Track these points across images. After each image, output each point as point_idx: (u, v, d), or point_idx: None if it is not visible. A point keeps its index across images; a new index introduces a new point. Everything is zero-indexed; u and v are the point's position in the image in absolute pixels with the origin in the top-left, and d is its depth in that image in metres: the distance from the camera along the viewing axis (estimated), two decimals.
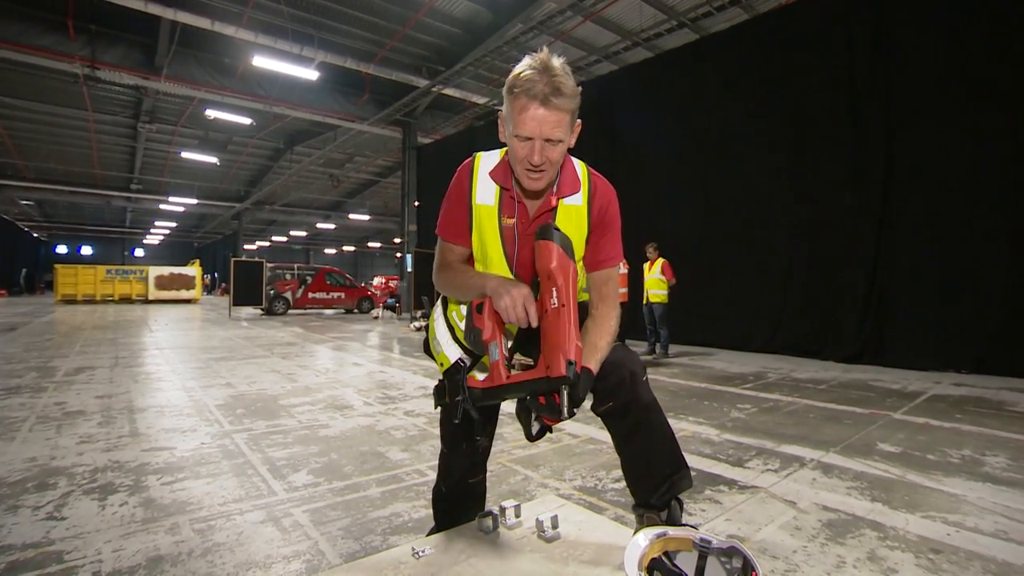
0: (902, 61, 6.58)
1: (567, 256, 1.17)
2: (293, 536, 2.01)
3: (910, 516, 2.25)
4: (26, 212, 34.40)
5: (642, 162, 9.14)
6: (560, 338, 1.10)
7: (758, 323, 7.93)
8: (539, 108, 1.15)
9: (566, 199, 1.33)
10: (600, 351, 1.26)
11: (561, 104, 1.15)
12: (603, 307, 1.37)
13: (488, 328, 1.22)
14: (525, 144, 1.19)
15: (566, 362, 1.07)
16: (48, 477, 2.58)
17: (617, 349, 1.32)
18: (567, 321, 1.10)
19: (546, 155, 1.19)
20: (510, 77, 1.19)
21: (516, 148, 1.21)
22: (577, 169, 1.37)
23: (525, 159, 1.20)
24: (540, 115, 1.15)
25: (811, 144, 7.40)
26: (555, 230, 1.19)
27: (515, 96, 1.17)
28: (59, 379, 5.29)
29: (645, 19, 10.97)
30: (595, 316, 1.36)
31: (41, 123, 18.28)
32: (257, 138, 20.21)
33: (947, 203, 6.25)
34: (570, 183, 1.34)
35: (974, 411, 4.23)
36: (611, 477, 2.71)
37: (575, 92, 1.18)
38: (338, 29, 12.23)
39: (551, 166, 1.22)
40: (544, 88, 1.13)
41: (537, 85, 1.14)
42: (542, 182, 1.24)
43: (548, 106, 1.14)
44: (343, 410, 4.17)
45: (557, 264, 1.15)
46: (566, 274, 1.14)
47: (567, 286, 1.13)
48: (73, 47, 11.97)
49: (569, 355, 1.08)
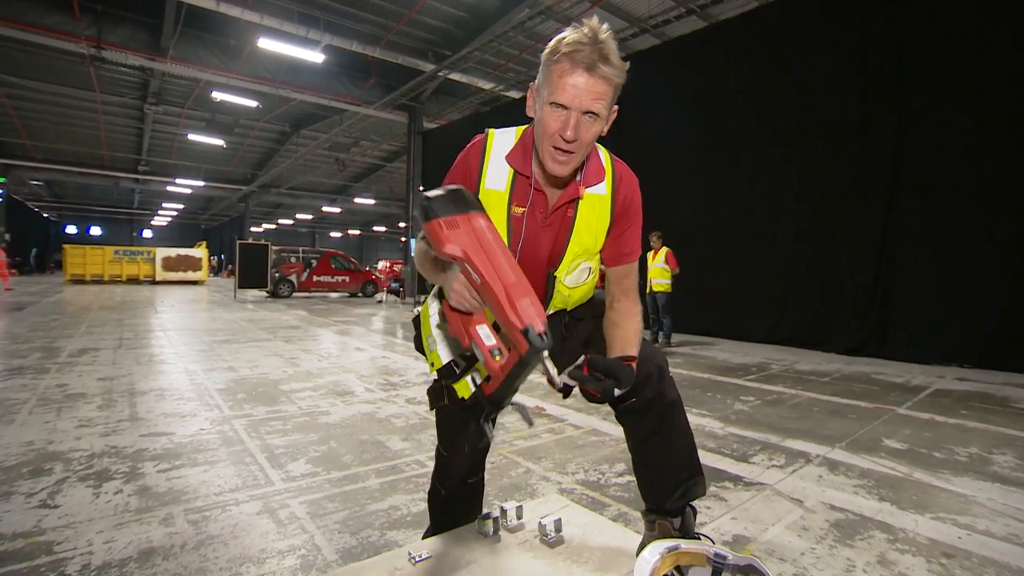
0: (913, 52, 6.41)
1: (454, 219, 1.01)
2: (289, 529, 1.98)
3: (919, 517, 2.19)
4: (36, 192, 34.53)
5: (647, 150, 8.96)
6: (501, 313, 0.96)
7: (761, 313, 7.86)
8: (583, 74, 1.02)
9: (590, 188, 1.21)
10: (633, 344, 1.19)
11: (607, 73, 1.03)
12: (626, 301, 1.28)
13: (458, 330, 1.09)
14: (559, 114, 1.06)
15: (520, 332, 0.93)
16: (44, 462, 2.56)
17: (643, 344, 1.24)
18: (495, 292, 0.96)
19: (580, 132, 1.06)
20: (552, 42, 1.06)
21: (548, 120, 1.07)
22: (600, 156, 1.25)
23: (556, 133, 1.07)
24: (582, 82, 1.03)
25: (819, 134, 7.25)
26: (424, 199, 1.04)
27: (556, 60, 1.04)
28: (63, 360, 5.29)
29: (653, 6, 10.74)
30: (619, 310, 1.27)
31: (49, 103, 18.22)
32: (263, 121, 20.08)
33: (953, 195, 6.13)
34: (595, 171, 1.23)
35: (979, 407, 4.16)
36: (614, 471, 2.66)
37: (623, 66, 1.05)
38: (344, 12, 12.05)
39: (581, 148, 1.09)
40: (591, 54, 1.01)
41: (584, 50, 1.01)
42: (568, 166, 1.11)
43: (593, 73, 1.02)
44: (344, 396, 4.14)
45: (448, 240, 1.00)
46: (464, 245, 0.99)
47: (473, 256, 0.99)
48: (79, 27, 11.88)
49: (518, 324, 0.94)
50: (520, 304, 0.94)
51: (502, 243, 1.02)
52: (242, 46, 13.60)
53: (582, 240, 1.24)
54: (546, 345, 0.93)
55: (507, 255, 1.01)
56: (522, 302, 0.95)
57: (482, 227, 1.02)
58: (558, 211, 1.22)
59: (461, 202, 1.04)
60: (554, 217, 1.22)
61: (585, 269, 1.28)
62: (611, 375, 1.06)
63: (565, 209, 1.22)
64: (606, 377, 1.06)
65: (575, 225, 1.23)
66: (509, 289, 0.96)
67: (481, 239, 1.01)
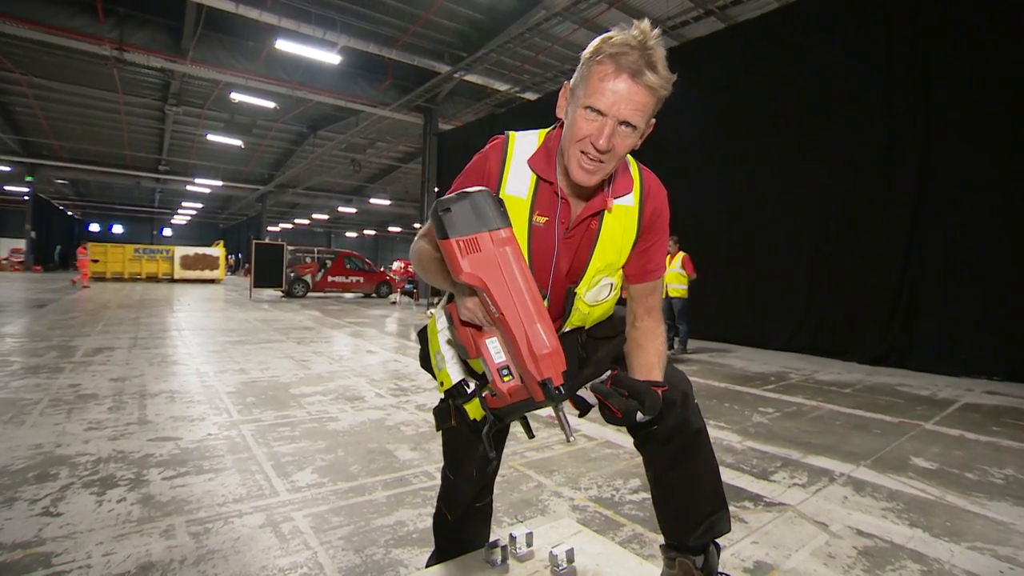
0: (941, 53, 6.19)
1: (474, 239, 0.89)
2: (292, 545, 1.92)
3: (955, 547, 2.07)
4: (61, 191, 35.34)
5: (665, 153, 8.75)
6: (518, 355, 0.88)
7: (780, 320, 7.66)
8: (626, 80, 0.94)
9: (618, 199, 1.13)
10: (657, 368, 1.11)
11: (652, 82, 0.95)
12: (649, 320, 1.19)
13: (466, 340, 1.01)
14: (594, 120, 0.97)
15: (539, 385, 0.87)
16: (51, 467, 2.54)
17: (666, 367, 1.16)
18: (514, 333, 0.88)
19: (614, 142, 0.97)
20: (596, 41, 0.98)
21: (580, 124, 0.99)
22: (628, 165, 1.17)
23: (588, 139, 0.98)
24: (624, 89, 0.94)
25: (842, 138, 7.05)
26: (442, 208, 0.91)
27: (599, 62, 0.96)
28: (78, 359, 5.33)
29: (672, 7, 10.60)
30: (642, 330, 1.18)
31: (74, 104, 18.61)
32: (281, 122, 20.28)
33: (981, 200, 5.89)
34: (623, 181, 1.14)
35: (1013, 424, 3.97)
36: (628, 487, 2.57)
37: (670, 77, 0.97)
38: (361, 13, 12.10)
39: (613, 159, 1.01)
40: (638, 60, 0.93)
41: (631, 55, 0.93)
42: (595, 176, 1.02)
43: (637, 80, 0.94)
44: (354, 402, 4.09)
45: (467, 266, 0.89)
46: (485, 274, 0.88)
47: (494, 289, 0.89)
48: (102, 29, 12.10)
49: (536, 375, 0.87)
50: (540, 353, 0.87)
51: (527, 271, 0.92)
52: (260, 48, 13.74)
53: (605, 254, 1.15)
54: (563, 398, 0.86)
55: (531, 287, 0.91)
56: (543, 350, 0.87)
57: (507, 253, 0.91)
58: (582, 223, 1.13)
59: (485, 215, 0.91)
60: (577, 229, 1.13)
61: (607, 285, 1.19)
62: (636, 397, 0.98)
63: (589, 221, 1.13)
64: (630, 397, 0.98)
65: (599, 238, 1.14)
66: (531, 333, 0.87)
67: (504, 268, 0.90)
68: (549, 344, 0.88)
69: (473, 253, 0.90)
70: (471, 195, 0.93)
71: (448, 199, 0.93)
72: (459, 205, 0.91)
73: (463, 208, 0.91)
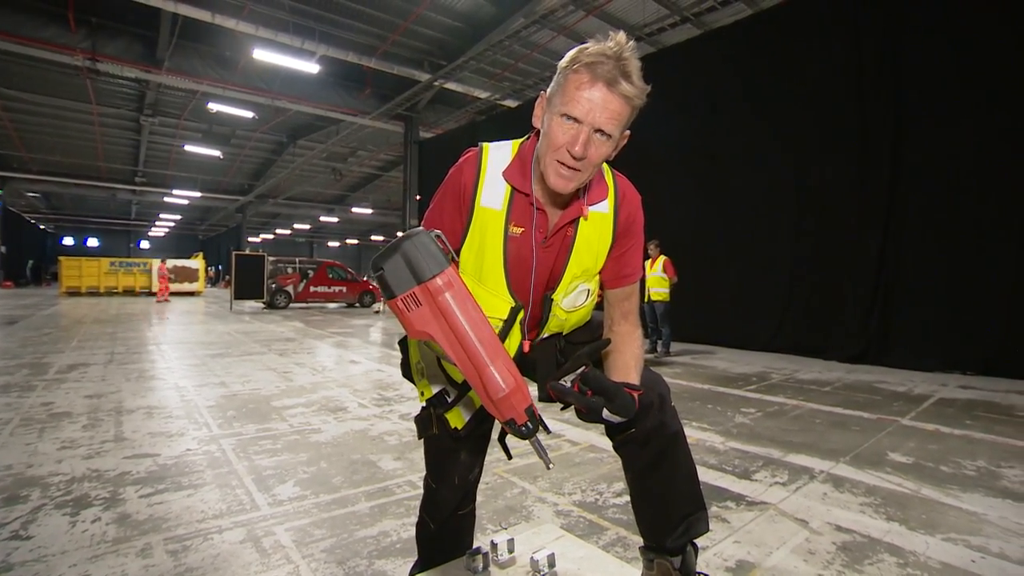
0: (910, 56, 6.38)
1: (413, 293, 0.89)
2: (273, 560, 1.89)
3: (930, 539, 2.11)
4: (32, 204, 34.48)
5: (643, 158, 8.85)
6: (481, 397, 0.89)
7: (760, 321, 7.79)
8: (601, 88, 0.96)
9: (593, 206, 1.15)
10: (633, 371, 1.12)
11: (627, 92, 0.97)
12: (626, 324, 1.21)
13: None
14: (570, 127, 0.99)
15: (507, 421, 0.89)
16: (21, 488, 2.47)
17: (644, 370, 1.17)
18: (470, 378, 0.89)
19: (589, 150, 0.99)
20: (573, 51, 1.00)
21: (556, 132, 1.00)
22: (602, 171, 1.19)
23: (565, 147, 1.00)
24: (599, 97, 0.96)
25: (816, 141, 7.22)
26: (376, 266, 0.91)
27: (575, 71, 0.98)
28: (50, 377, 5.20)
29: (648, 14, 10.78)
30: (619, 334, 1.20)
31: (46, 116, 18.21)
32: (260, 132, 20.09)
33: (954, 201, 6.07)
34: (598, 188, 1.16)
35: (984, 417, 4.08)
36: (612, 491, 2.58)
37: (644, 88, 0.99)
38: (339, 23, 12.07)
39: (588, 167, 1.02)
40: (613, 69, 0.96)
41: (606, 64, 0.96)
42: (572, 183, 1.04)
43: (613, 89, 0.96)
44: (336, 413, 4.05)
45: (414, 322, 0.89)
46: (433, 328, 0.89)
47: (442, 340, 0.89)
48: (74, 39, 11.89)
49: (499, 417, 0.88)
50: (497, 398, 0.87)
51: (472, 311, 0.91)
52: (238, 57, 13.62)
53: (582, 260, 1.16)
54: (531, 433, 0.88)
55: (479, 328, 0.90)
56: (499, 394, 0.87)
57: (447, 301, 0.89)
58: (559, 231, 1.15)
59: (418, 266, 0.90)
60: (555, 237, 1.15)
61: (583, 291, 1.21)
62: (603, 395, 0.99)
63: (566, 229, 1.15)
64: (595, 395, 0.99)
65: (575, 245, 1.15)
66: (485, 379, 0.87)
67: (448, 317, 0.89)
68: (506, 385, 0.88)
69: (417, 308, 0.89)
70: (401, 247, 0.91)
71: (381, 255, 0.92)
72: (391, 262, 0.90)
73: (396, 264, 0.90)
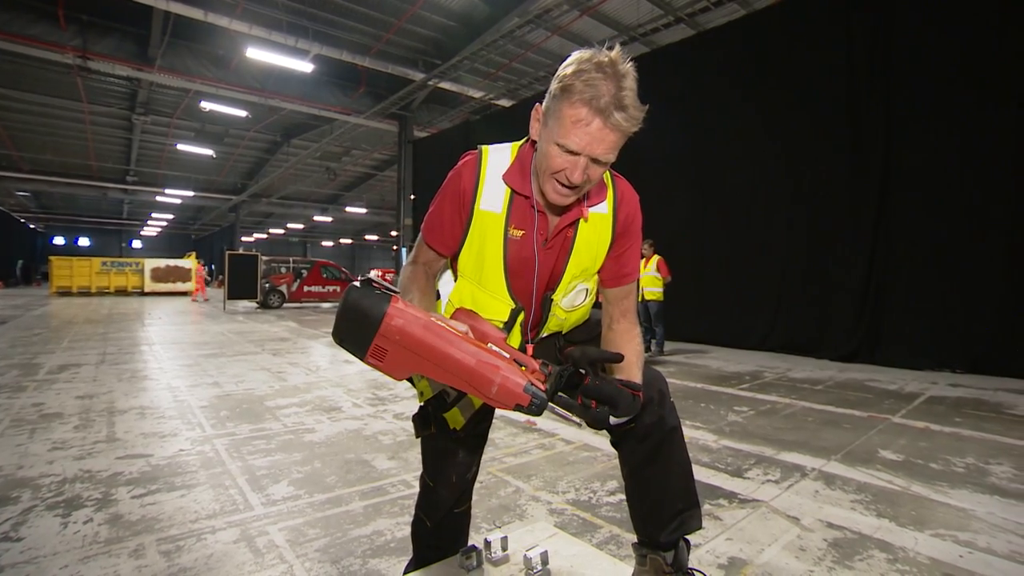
0: (901, 57, 6.44)
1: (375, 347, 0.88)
2: (267, 559, 1.89)
3: (919, 535, 2.14)
4: (22, 203, 34.14)
5: (637, 158, 8.92)
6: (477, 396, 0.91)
7: (754, 320, 7.84)
8: (598, 123, 0.96)
9: (592, 207, 1.17)
10: (635, 369, 1.13)
11: (623, 123, 0.96)
12: (624, 323, 1.23)
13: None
14: (566, 158, 1.00)
15: (515, 408, 0.89)
16: (12, 490, 2.45)
17: (644, 367, 1.19)
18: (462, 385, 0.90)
19: (588, 174, 1.01)
20: (569, 72, 0.97)
21: (553, 158, 1.01)
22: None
23: (562, 173, 1.02)
24: (596, 132, 0.96)
25: (809, 141, 7.26)
26: (338, 341, 0.90)
27: (571, 102, 0.96)
28: (41, 377, 5.16)
29: (642, 14, 10.81)
30: (618, 332, 1.21)
31: (36, 114, 18.02)
32: (253, 131, 19.98)
33: (944, 200, 6.13)
34: (597, 190, 1.18)
35: (973, 414, 4.13)
36: (606, 489, 2.59)
37: (641, 112, 0.98)
38: (333, 21, 12.03)
39: (587, 185, 1.05)
40: (610, 101, 0.94)
41: (603, 96, 0.94)
42: (572, 198, 1.07)
43: (609, 123, 0.96)
44: (331, 412, 4.04)
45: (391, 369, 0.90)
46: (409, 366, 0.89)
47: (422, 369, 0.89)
48: (64, 37, 11.77)
49: (507, 404, 0.88)
50: (493, 395, 0.88)
51: (430, 331, 0.89)
52: (231, 56, 13.54)
53: (581, 261, 1.19)
54: (540, 409, 0.89)
55: (444, 340, 0.89)
56: (491, 391, 0.88)
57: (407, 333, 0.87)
58: (560, 233, 1.17)
59: (364, 318, 0.87)
60: (556, 239, 1.17)
61: (582, 291, 1.23)
62: (607, 403, 0.99)
63: (566, 230, 1.17)
64: (601, 404, 0.99)
65: (574, 245, 1.17)
66: (477, 384, 0.88)
67: (417, 350, 0.88)
68: (494, 377, 0.88)
69: (384, 357, 0.89)
70: (345, 306, 0.89)
71: (334, 330, 0.90)
72: (344, 325, 0.89)
73: (348, 326, 0.88)
